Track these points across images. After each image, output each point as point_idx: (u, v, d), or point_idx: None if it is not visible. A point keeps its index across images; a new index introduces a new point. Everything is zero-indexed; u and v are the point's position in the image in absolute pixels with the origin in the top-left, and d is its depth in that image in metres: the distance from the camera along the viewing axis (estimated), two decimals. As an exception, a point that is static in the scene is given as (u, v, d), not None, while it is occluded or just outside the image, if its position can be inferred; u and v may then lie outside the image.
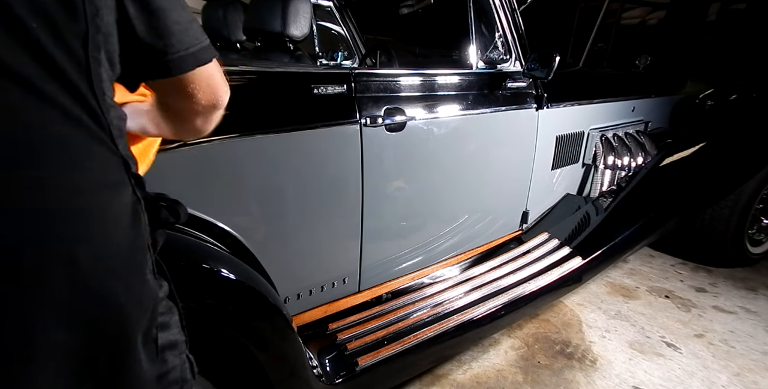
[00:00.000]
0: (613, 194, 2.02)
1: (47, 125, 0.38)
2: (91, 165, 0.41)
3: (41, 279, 0.37)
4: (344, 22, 2.51)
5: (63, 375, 0.40)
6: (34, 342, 0.37)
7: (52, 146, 0.38)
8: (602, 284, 2.09)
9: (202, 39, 0.50)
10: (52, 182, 0.38)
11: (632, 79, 2.52)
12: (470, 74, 1.47)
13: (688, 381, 1.47)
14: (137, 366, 0.47)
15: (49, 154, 0.38)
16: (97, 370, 0.42)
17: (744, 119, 2.26)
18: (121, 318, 0.44)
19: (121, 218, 0.44)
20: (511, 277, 1.55)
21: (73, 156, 0.39)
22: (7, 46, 0.34)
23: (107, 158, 0.43)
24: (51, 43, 0.37)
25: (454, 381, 1.46)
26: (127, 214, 0.44)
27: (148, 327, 0.48)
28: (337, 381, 1.11)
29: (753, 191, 2.04)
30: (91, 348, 0.41)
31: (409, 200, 1.38)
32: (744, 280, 2.15)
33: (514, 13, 1.57)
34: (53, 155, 0.38)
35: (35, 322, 0.37)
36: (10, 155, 0.36)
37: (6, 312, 0.36)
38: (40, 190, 0.37)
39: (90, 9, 0.40)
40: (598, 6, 4.88)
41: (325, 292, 1.27)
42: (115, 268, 0.43)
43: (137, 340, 0.46)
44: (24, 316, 0.37)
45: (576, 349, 1.62)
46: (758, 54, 4.56)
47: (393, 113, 1.23)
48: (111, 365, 0.44)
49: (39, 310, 0.37)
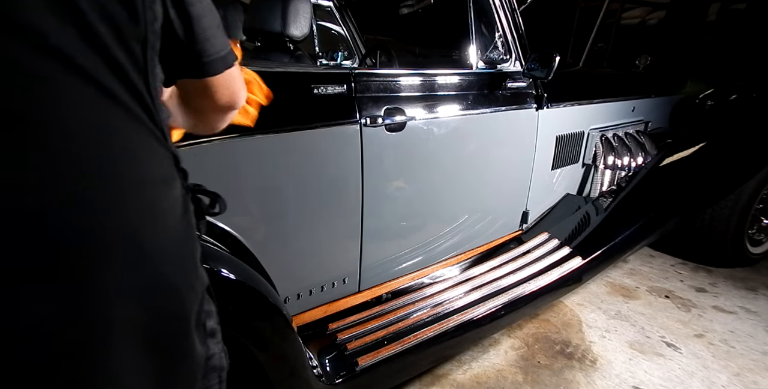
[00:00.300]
0: (613, 194, 2.02)
1: (114, 121, 0.41)
2: (149, 159, 0.44)
3: (115, 263, 0.40)
4: (344, 22, 2.50)
5: (133, 349, 0.43)
6: (112, 319, 0.40)
7: (118, 141, 0.41)
8: (602, 284, 2.09)
9: (228, 43, 0.54)
10: (119, 175, 0.41)
11: (632, 79, 2.52)
12: (470, 74, 1.47)
13: (688, 381, 1.47)
14: (193, 347, 0.50)
15: (117, 148, 0.41)
16: (161, 347, 0.46)
17: (744, 119, 2.26)
18: (179, 300, 0.47)
19: (175, 209, 0.47)
20: (511, 277, 1.55)
21: (136, 150, 0.42)
22: (81, 49, 0.38)
23: (161, 152, 0.46)
24: (116, 46, 0.40)
25: (454, 381, 1.46)
26: (179, 205, 0.48)
27: (198, 312, 0.51)
28: (337, 381, 1.11)
29: (753, 191, 2.04)
30: (155, 326, 0.45)
31: (409, 200, 1.38)
32: (744, 280, 2.15)
33: (514, 13, 1.57)
34: (120, 148, 0.41)
35: (112, 301, 0.40)
36: (85, 147, 0.38)
37: (89, 291, 0.39)
38: (110, 181, 0.40)
39: (149, 15, 0.44)
40: (598, 6, 4.88)
41: (325, 292, 1.27)
42: (172, 255, 0.46)
43: (191, 322, 0.50)
44: (103, 296, 0.40)
45: (576, 349, 1.62)
46: (758, 54, 4.57)
47: (393, 113, 1.23)
48: (172, 343, 0.47)
49: (115, 290, 0.40)
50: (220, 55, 0.53)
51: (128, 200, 0.41)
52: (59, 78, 0.37)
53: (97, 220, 0.39)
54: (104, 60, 0.39)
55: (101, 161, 0.40)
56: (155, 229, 0.44)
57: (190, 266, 0.50)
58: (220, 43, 0.53)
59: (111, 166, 0.40)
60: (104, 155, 0.40)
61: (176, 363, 0.49)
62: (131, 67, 0.42)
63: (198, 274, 0.51)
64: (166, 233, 0.45)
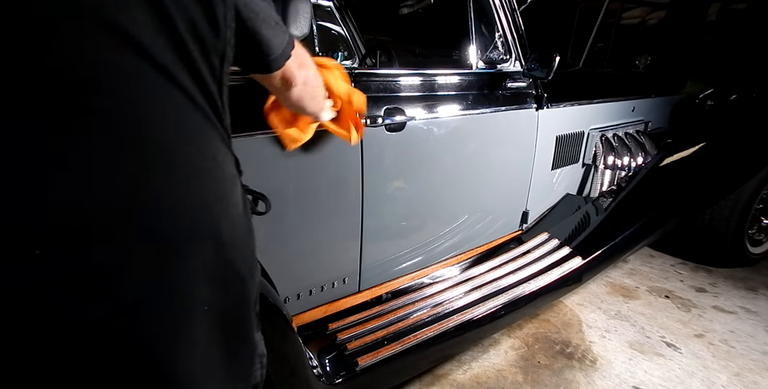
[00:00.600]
0: (613, 194, 2.02)
1: (195, 123, 0.46)
2: (223, 160, 0.49)
3: (199, 249, 0.45)
4: (344, 22, 2.50)
5: (207, 327, 0.48)
6: (195, 296, 0.46)
7: (199, 141, 0.46)
8: (602, 284, 2.09)
9: (285, 38, 0.61)
10: (205, 172, 0.46)
11: (632, 79, 2.52)
12: (470, 74, 1.47)
13: (688, 381, 1.47)
14: (251, 332, 0.56)
15: (201, 148, 0.46)
16: (227, 330, 0.51)
17: (744, 119, 2.25)
18: (244, 286, 0.53)
19: (239, 204, 0.52)
20: (511, 277, 1.55)
21: (213, 151, 0.48)
22: (174, 62, 0.43)
23: (229, 154, 0.52)
24: (200, 58, 0.46)
25: (454, 381, 1.46)
26: (242, 201, 0.53)
27: (255, 300, 0.56)
28: (337, 381, 1.11)
29: (753, 191, 2.04)
30: (223, 309, 0.50)
31: (409, 200, 1.38)
32: (744, 280, 2.15)
33: (514, 13, 1.57)
34: (203, 149, 0.46)
35: (195, 282, 0.45)
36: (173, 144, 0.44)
37: (181, 269, 0.44)
38: (198, 179, 0.45)
39: (228, 33, 0.49)
40: (598, 6, 4.88)
41: (325, 292, 1.27)
42: (240, 245, 0.52)
43: (251, 309, 0.55)
44: (188, 278, 0.45)
45: (576, 349, 1.62)
46: (758, 54, 4.57)
47: (393, 113, 1.23)
48: (235, 327, 0.53)
49: (197, 273, 0.45)
50: (281, 50, 0.61)
51: (210, 193, 0.47)
52: (158, 86, 0.42)
53: (186, 208, 0.44)
54: (189, 70, 0.45)
55: (189, 158, 0.45)
56: (228, 220, 0.49)
57: (251, 257, 0.55)
58: (280, 40, 0.60)
59: (194, 163, 0.45)
60: (188, 152, 0.45)
61: (238, 345, 0.54)
62: (209, 77, 0.48)
63: (256, 265, 0.57)
64: (235, 224, 0.50)
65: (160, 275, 0.43)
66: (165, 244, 0.42)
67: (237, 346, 0.54)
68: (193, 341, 0.47)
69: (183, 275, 0.44)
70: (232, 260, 0.50)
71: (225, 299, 0.50)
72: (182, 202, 0.44)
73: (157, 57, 0.41)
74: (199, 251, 0.45)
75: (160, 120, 0.43)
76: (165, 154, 0.43)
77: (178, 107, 0.44)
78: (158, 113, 0.42)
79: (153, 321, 0.43)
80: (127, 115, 0.40)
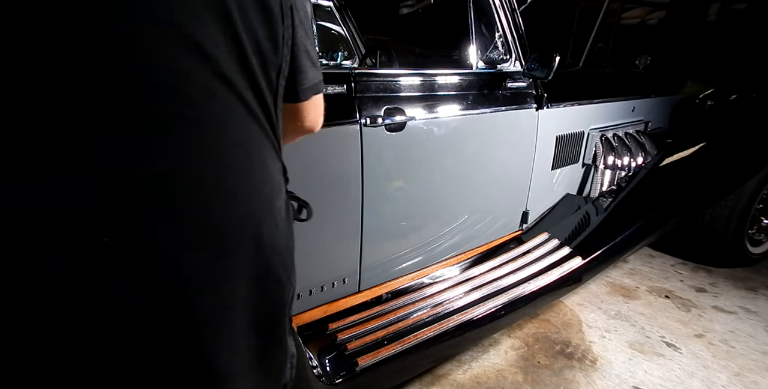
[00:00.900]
0: (613, 194, 2.02)
1: (253, 134, 0.49)
2: (272, 167, 0.52)
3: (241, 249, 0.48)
4: (344, 22, 2.51)
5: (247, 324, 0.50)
6: (236, 294, 0.48)
7: (256, 151, 0.50)
8: (602, 284, 2.09)
9: (320, 72, 0.62)
10: (254, 177, 0.49)
11: (632, 79, 2.52)
12: (470, 74, 1.47)
13: (688, 381, 1.47)
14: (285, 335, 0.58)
15: (255, 156, 0.49)
16: (263, 330, 0.53)
17: (744, 119, 2.25)
18: (282, 289, 0.55)
19: (282, 210, 0.55)
20: (511, 277, 1.55)
21: (264, 159, 0.51)
22: (239, 76, 0.47)
23: (277, 162, 0.54)
24: (260, 74, 0.50)
25: (454, 381, 1.46)
26: (285, 207, 0.56)
27: (290, 303, 0.58)
28: (337, 381, 1.11)
29: (753, 191, 2.04)
30: (261, 310, 0.52)
31: (409, 200, 1.38)
32: (744, 280, 2.15)
33: (514, 13, 1.57)
34: (256, 157, 0.50)
35: (236, 280, 0.48)
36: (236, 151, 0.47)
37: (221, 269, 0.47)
38: (247, 184, 0.48)
39: (286, 50, 0.53)
40: (598, 6, 4.88)
41: (325, 292, 1.27)
42: (280, 248, 0.54)
43: (286, 312, 0.57)
44: (230, 276, 0.47)
45: (576, 349, 1.62)
46: (758, 54, 4.57)
47: (393, 113, 1.23)
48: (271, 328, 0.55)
49: (239, 272, 0.48)
50: (313, 83, 0.60)
51: (256, 197, 0.50)
52: (223, 96, 0.46)
53: (234, 209, 0.47)
54: (251, 84, 0.49)
55: (246, 166, 0.48)
56: (271, 225, 0.51)
57: (290, 261, 0.57)
58: (316, 73, 0.61)
59: (251, 170, 0.49)
60: (247, 159, 0.48)
61: (273, 347, 0.56)
62: (267, 91, 0.51)
63: (294, 270, 0.59)
64: (277, 229, 0.53)
65: (207, 270, 0.45)
66: (214, 240, 0.46)
67: (272, 347, 0.56)
68: (233, 338, 0.49)
69: (226, 272, 0.47)
70: (272, 263, 0.52)
71: (263, 300, 0.52)
72: (233, 202, 0.47)
73: (225, 70, 0.45)
74: (242, 251, 0.48)
75: (224, 127, 0.46)
76: (223, 157, 0.46)
77: (240, 116, 0.48)
78: (223, 120, 0.46)
79: (198, 313, 0.45)
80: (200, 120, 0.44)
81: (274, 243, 0.52)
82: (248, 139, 0.49)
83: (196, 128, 0.44)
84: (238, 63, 0.47)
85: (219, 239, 0.46)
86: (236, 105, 0.47)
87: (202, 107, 0.44)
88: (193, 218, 0.44)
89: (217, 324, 0.47)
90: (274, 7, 0.50)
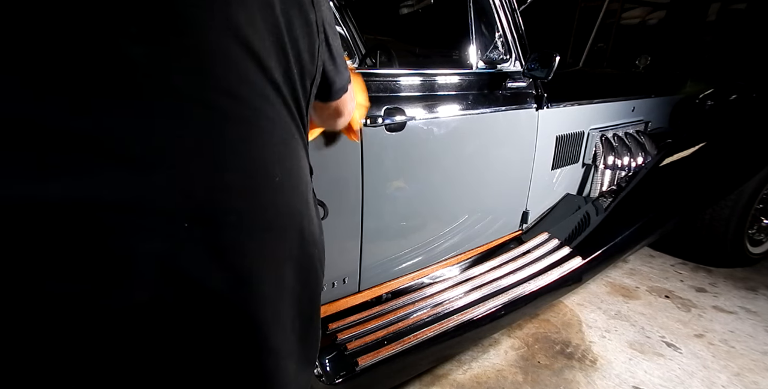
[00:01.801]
0: (613, 194, 2.02)
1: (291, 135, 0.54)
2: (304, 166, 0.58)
3: (288, 240, 0.53)
4: (344, 22, 2.50)
5: (292, 308, 0.56)
6: (285, 282, 0.54)
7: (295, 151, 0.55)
8: (602, 284, 2.09)
9: (349, 74, 0.70)
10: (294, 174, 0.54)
11: (632, 79, 2.52)
12: (470, 74, 1.47)
13: (688, 381, 1.47)
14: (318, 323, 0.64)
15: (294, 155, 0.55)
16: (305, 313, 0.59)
17: (744, 119, 2.26)
18: (317, 279, 0.60)
19: (314, 207, 0.60)
20: (511, 277, 1.55)
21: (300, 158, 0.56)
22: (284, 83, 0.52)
23: (307, 162, 0.60)
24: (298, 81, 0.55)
25: (454, 381, 1.46)
26: (315, 204, 0.62)
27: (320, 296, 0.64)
28: (337, 381, 1.11)
29: (753, 191, 2.04)
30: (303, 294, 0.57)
31: (409, 200, 1.38)
32: (744, 280, 2.15)
33: (514, 13, 1.57)
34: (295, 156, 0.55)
35: (286, 269, 0.53)
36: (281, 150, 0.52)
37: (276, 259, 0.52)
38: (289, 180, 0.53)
39: (320, 61, 0.59)
40: (598, 6, 4.88)
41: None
42: (316, 241, 0.59)
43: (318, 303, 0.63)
44: (282, 264, 0.53)
45: (576, 349, 1.62)
46: (758, 54, 4.57)
47: (393, 113, 1.23)
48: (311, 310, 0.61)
49: (286, 256, 0.53)
50: (343, 85, 0.68)
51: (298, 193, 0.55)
52: (274, 100, 0.51)
53: (284, 203, 0.52)
54: (292, 90, 0.54)
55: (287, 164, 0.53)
56: (308, 219, 0.56)
57: (323, 254, 0.63)
58: (346, 75, 0.68)
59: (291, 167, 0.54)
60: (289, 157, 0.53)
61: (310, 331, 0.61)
62: (302, 97, 0.57)
63: (324, 262, 0.64)
64: (312, 224, 0.58)
65: (265, 257, 0.50)
66: (267, 230, 0.50)
67: (309, 332, 0.61)
68: (284, 321, 0.54)
69: (278, 260, 0.52)
70: (311, 255, 0.58)
71: (305, 289, 0.57)
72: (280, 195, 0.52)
73: (276, 78, 0.51)
74: (289, 242, 0.53)
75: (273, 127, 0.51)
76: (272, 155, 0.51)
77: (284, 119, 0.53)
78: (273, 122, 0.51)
79: (260, 295, 0.50)
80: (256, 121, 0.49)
81: (312, 236, 0.57)
82: (289, 140, 0.54)
83: (255, 128, 0.49)
84: (284, 71, 0.52)
85: (272, 230, 0.51)
86: (282, 109, 0.52)
87: (259, 109, 0.49)
88: (249, 209, 0.48)
89: (273, 306, 0.52)
90: (314, 23, 0.56)
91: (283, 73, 0.52)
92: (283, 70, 0.52)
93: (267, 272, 0.51)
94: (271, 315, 0.52)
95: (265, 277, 0.50)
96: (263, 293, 0.50)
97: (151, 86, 0.42)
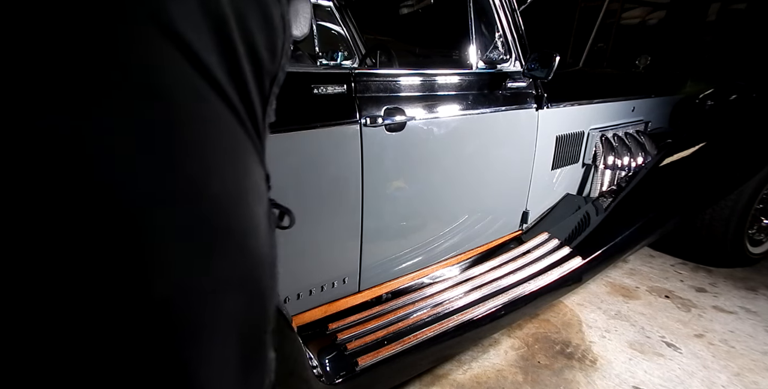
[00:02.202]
0: (613, 194, 2.02)
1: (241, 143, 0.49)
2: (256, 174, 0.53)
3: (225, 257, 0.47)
4: (344, 22, 2.51)
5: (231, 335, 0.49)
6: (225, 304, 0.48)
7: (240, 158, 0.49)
8: (602, 284, 2.09)
9: None
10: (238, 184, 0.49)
11: (632, 79, 2.52)
12: (470, 74, 1.47)
13: (688, 381, 1.47)
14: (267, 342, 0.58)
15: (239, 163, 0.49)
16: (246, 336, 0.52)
17: (744, 119, 2.26)
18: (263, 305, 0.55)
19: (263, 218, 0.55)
20: (511, 277, 1.55)
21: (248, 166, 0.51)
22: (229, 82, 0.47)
23: (261, 169, 0.54)
24: (252, 81, 0.49)
25: (454, 381, 1.46)
26: (267, 215, 0.56)
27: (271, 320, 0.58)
28: (337, 381, 1.11)
29: (753, 191, 2.04)
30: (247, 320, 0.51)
31: (409, 200, 1.38)
32: (744, 280, 2.15)
33: (514, 13, 1.57)
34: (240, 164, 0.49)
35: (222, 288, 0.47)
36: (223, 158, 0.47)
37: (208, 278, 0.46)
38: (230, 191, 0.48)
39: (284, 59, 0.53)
40: (598, 6, 4.88)
41: (325, 292, 1.27)
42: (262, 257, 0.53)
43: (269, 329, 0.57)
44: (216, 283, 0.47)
45: (576, 349, 1.62)
46: (758, 54, 4.57)
47: (393, 113, 1.23)
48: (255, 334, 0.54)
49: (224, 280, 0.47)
50: None
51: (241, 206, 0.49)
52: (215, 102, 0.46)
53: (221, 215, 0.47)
54: (241, 91, 0.48)
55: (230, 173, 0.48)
56: (253, 233, 0.51)
57: (272, 271, 0.56)
58: None
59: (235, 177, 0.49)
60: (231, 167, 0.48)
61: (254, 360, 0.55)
62: (258, 99, 0.51)
63: (277, 280, 0.57)
64: (258, 238, 0.52)
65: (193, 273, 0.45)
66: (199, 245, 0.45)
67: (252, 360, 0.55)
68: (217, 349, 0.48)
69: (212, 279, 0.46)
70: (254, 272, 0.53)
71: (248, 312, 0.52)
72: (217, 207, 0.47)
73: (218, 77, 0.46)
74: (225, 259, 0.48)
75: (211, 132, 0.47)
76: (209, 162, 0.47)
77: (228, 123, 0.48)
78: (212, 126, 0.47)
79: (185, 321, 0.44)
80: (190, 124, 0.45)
81: (258, 252, 0.52)
82: (234, 146, 0.49)
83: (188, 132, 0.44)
84: (228, 69, 0.47)
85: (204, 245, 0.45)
86: (226, 112, 0.47)
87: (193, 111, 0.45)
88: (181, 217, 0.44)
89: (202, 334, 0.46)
90: (275, 18, 0.51)
91: (227, 69, 0.48)
92: (227, 67, 0.48)
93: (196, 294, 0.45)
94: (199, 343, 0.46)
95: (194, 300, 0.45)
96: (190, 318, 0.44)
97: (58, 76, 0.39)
